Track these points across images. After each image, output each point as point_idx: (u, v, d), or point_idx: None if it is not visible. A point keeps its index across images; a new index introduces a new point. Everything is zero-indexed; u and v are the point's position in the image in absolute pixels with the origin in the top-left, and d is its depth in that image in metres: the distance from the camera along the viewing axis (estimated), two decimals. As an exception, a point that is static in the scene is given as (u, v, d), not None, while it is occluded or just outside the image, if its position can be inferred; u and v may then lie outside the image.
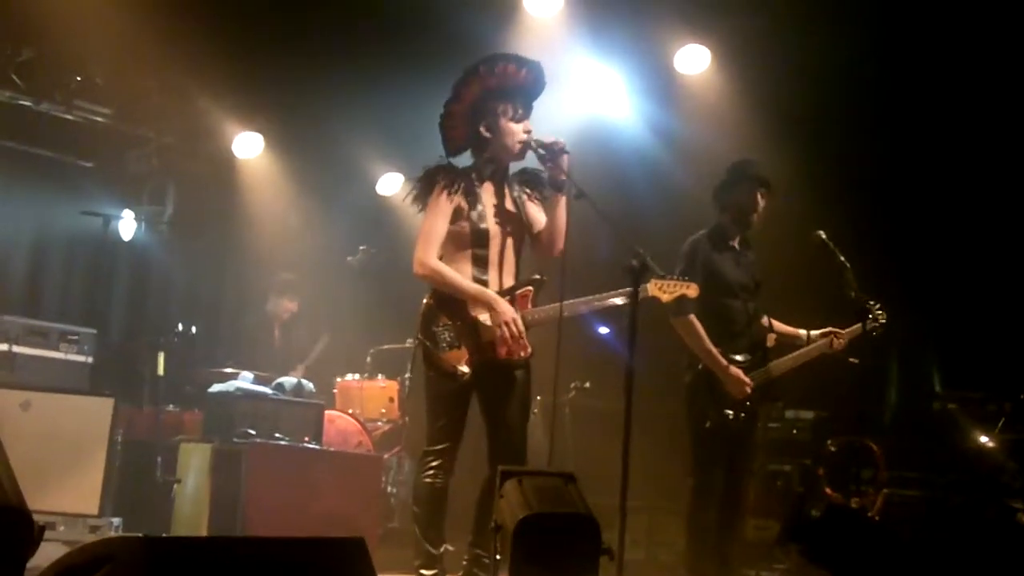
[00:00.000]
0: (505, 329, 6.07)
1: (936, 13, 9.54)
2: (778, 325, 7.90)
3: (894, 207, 10.56)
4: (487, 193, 6.31)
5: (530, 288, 6.26)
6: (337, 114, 11.34)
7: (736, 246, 7.79)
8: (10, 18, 9.71)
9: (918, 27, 9.67)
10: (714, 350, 7.48)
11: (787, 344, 7.86)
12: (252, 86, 11.00)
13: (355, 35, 10.30)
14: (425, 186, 6.28)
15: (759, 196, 7.71)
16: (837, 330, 7.82)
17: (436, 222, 6.19)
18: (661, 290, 6.44)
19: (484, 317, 6.14)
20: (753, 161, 7.89)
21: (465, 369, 6.11)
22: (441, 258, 6.22)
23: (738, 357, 7.54)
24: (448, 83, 6.37)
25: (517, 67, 6.29)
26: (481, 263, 6.22)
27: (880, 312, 7.80)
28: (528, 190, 6.45)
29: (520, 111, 6.32)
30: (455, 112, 6.34)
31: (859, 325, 7.80)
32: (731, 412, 7.46)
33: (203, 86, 10.99)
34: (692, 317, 7.47)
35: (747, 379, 7.46)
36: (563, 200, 6.29)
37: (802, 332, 7.89)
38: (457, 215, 6.20)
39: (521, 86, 6.34)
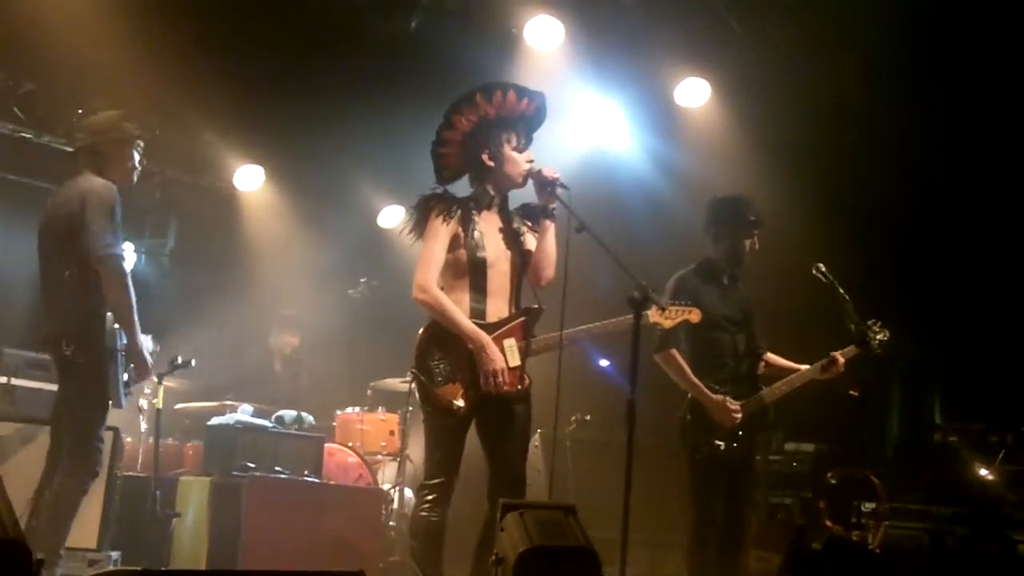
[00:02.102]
0: (490, 378, 6.05)
1: (933, 44, 9.58)
2: (778, 359, 7.90)
3: (894, 238, 10.58)
4: (486, 222, 6.29)
5: (527, 318, 6.25)
6: (338, 147, 11.35)
7: (725, 280, 7.80)
8: (11, 51, 9.74)
9: (917, 59, 9.70)
10: (697, 381, 7.50)
11: (784, 377, 7.85)
12: (254, 119, 11.02)
13: (356, 68, 10.33)
14: (421, 214, 6.27)
15: (752, 243, 7.74)
16: (833, 355, 7.81)
17: (434, 247, 6.17)
18: (663, 316, 6.44)
19: (481, 349, 6.13)
20: (739, 201, 7.85)
21: (461, 403, 6.07)
22: (440, 287, 6.20)
23: (724, 388, 7.54)
24: (449, 115, 6.39)
25: (518, 96, 6.30)
26: (479, 292, 6.19)
27: (880, 329, 7.79)
28: (528, 223, 6.44)
29: (523, 140, 6.33)
30: (448, 139, 6.33)
31: (860, 346, 7.80)
32: (722, 443, 7.46)
33: (205, 120, 11.02)
34: (674, 351, 7.51)
35: (734, 406, 7.45)
36: (551, 228, 6.30)
37: (803, 367, 7.89)
38: (454, 243, 6.18)
39: (523, 115, 6.35)
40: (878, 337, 7.82)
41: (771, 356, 7.89)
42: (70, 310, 6.90)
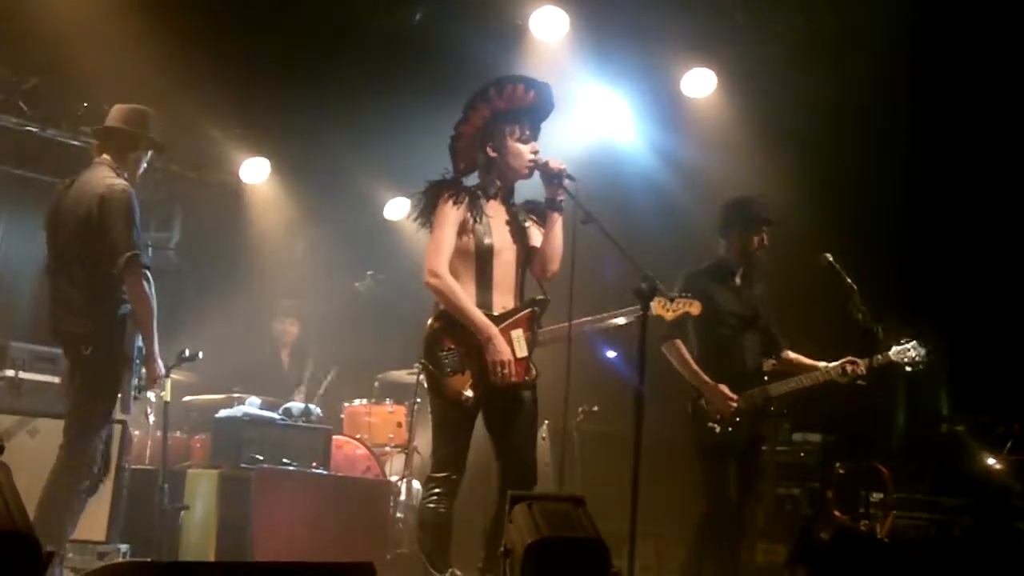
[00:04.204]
0: (497, 369, 6.05)
1: (939, 39, 9.56)
2: (797, 357, 7.96)
3: (900, 230, 10.56)
4: (492, 211, 6.29)
5: (533, 309, 6.25)
6: (343, 139, 11.34)
7: (737, 280, 7.86)
8: (16, 45, 9.74)
9: (923, 52, 9.69)
10: (698, 369, 7.62)
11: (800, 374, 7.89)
12: (259, 112, 11.01)
13: (360, 60, 10.31)
14: (430, 199, 6.28)
15: (760, 239, 7.79)
16: (855, 358, 7.82)
17: (445, 231, 6.17)
18: (664, 309, 6.46)
19: (487, 339, 6.13)
20: (750, 201, 7.94)
21: (469, 394, 6.08)
22: None
23: (728, 382, 7.59)
24: (454, 108, 6.38)
25: (526, 88, 6.31)
26: (484, 281, 6.20)
27: (915, 348, 7.82)
28: (533, 217, 6.44)
29: (528, 132, 6.33)
30: (464, 133, 6.36)
31: (886, 355, 7.82)
32: (716, 426, 7.52)
33: (210, 113, 11.00)
34: (678, 341, 7.64)
35: (732, 395, 7.51)
36: (559, 220, 6.29)
37: (820, 365, 7.91)
38: (462, 229, 6.19)
39: (530, 107, 6.36)
40: (910, 354, 7.84)
41: (791, 354, 7.96)
42: (90, 312, 6.91)
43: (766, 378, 7.77)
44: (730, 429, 7.56)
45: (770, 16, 10.12)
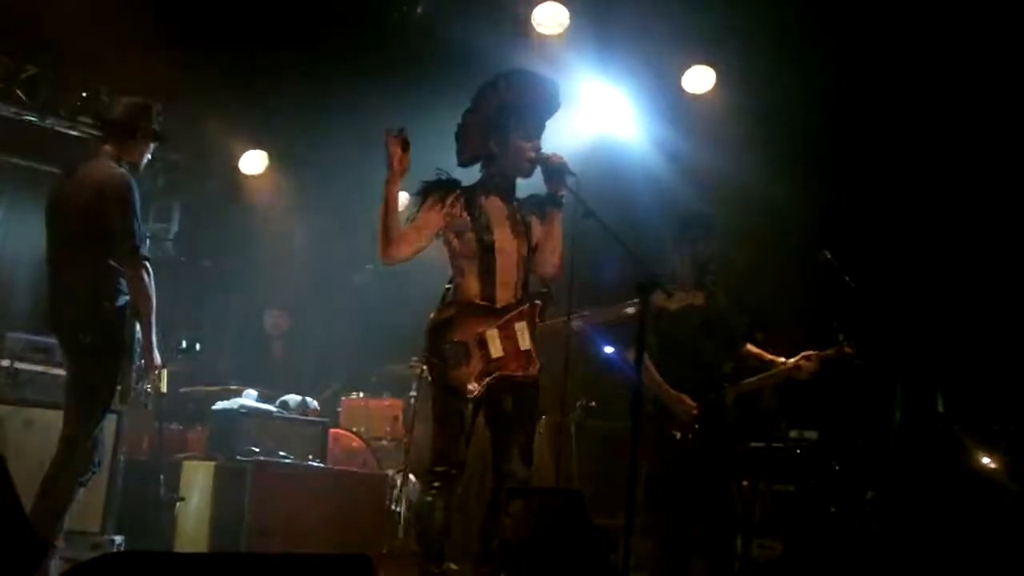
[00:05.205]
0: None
1: (941, 34, 9.56)
2: (757, 351, 7.99)
3: (899, 227, 10.55)
4: (493, 207, 6.28)
5: (537, 303, 6.24)
6: (342, 131, 11.33)
7: (691, 288, 7.91)
8: (15, 34, 9.72)
9: (922, 48, 9.68)
10: (661, 380, 7.62)
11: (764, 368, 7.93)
12: (258, 103, 11.00)
13: (361, 53, 10.30)
14: (419, 199, 6.29)
15: (714, 251, 7.84)
16: (810, 352, 7.85)
17: (413, 222, 6.24)
18: (668, 300, 6.46)
19: (492, 333, 6.12)
20: (704, 216, 8.01)
21: (474, 386, 6.07)
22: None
23: (687, 386, 7.64)
24: (454, 101, 6.38)
25: (535, 84, 6.30)
26: (488, 277, 6.18)
27: (848, 344, 7.83)
28: (535, 212, 6.42)
29: (531, 129, 6.30)
30: (471, 123, 6.34)
31: (832, 349, 7.85)
32: (677, 433, 7.57)
33: (210, 104, 10.99)
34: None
35: (691, 403, 7.55)
36: (559, 215, 6.27)
37: (780, 360, 7.94)
38: (461, 228, 6.19)
39: (536, 104, 6.34)
40: (846, 349, 7.87)
41: (752, 348, 7.99)
42: (90, 302, 6.88)
43: (725, 384, 7.80)
44: (690, 436, 7.62)
45: (770, 12, 10.10)
